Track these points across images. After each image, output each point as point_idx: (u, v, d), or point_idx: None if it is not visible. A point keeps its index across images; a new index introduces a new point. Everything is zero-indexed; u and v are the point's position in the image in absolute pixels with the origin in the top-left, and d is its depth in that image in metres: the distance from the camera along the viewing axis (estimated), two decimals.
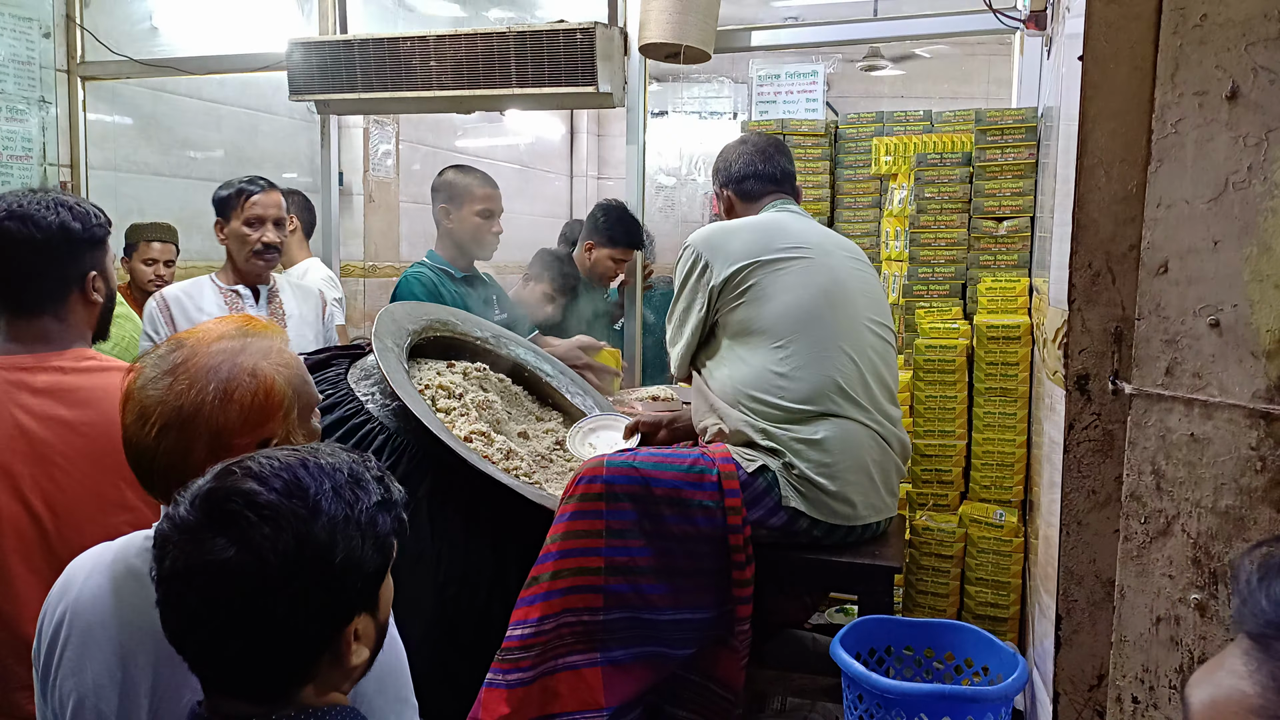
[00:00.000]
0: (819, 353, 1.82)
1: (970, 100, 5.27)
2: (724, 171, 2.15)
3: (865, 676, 1.44)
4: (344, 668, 0.88)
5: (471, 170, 2.85)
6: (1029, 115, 2.38)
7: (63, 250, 1.52)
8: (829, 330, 1.85)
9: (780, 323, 1.85)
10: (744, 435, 1.81)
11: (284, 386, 1.09)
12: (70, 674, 1.02)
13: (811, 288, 1.87)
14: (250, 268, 2.49)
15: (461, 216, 2.76)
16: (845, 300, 1.90)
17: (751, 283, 1.88)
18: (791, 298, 1.86)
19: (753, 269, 1.88)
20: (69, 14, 3.70)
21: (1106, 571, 1.25)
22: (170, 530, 0.85)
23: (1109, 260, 1.22)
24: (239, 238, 2.47)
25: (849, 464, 1.79)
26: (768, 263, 1.88)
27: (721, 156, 2.19)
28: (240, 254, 2.48)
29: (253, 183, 2.50)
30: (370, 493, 0.89)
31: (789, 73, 3.43)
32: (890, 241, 2.67)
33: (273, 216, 2.49)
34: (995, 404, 2.10)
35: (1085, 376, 1.24)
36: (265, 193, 2.49)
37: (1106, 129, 1.20)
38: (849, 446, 1.79)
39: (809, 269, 1.89)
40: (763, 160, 2.10)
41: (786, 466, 1.77)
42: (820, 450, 1.77)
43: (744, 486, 1.75)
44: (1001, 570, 2.00)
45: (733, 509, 1.71)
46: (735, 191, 2.13)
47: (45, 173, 3.63)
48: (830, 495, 1.77)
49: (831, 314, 1.87)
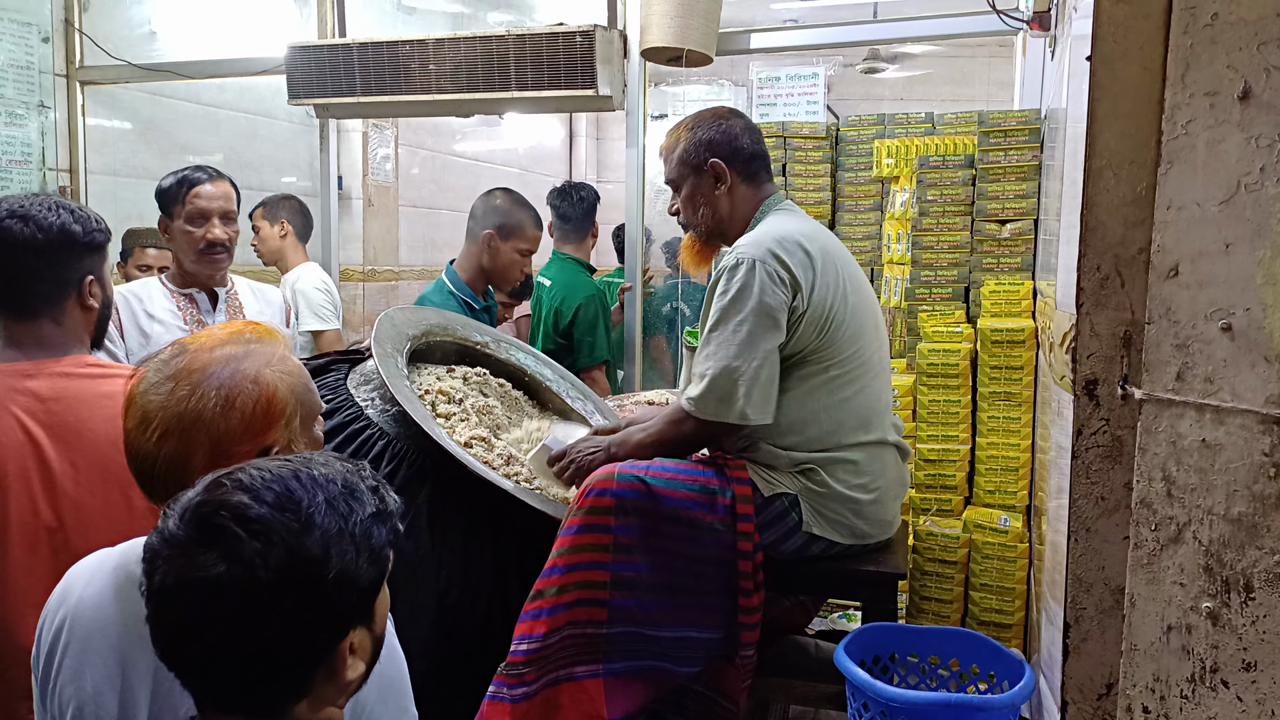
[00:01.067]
0: (870, 379, 1.73)
1: (970, 103, 5.26)
2: (725, 145, 1.82)
3: (870, 685, 1.42)
4: (339, 683, 0.87)
5: (527, 206, 2.81)
6: (1032, 117, 2.37)
7: (62, 253, 1.51)
8: (875, 352, 1.76)
9: (841, 349, 1.70)
10: (770, 460, 1.72)
11: (286, 394, 1.08)
12: (70, 680, 1.01)
13: (862, 309, 1.75)
14: (197, 269, 2.18)
15: (505, 249, 2.73)
16: (875, 317, 1.81)
17: (834, 312, 1.69)
18: (855, 323, 1.71)
19: (837, 298, 1.69)
20: (68, 18, 3.69)
21: (1115, 579, 1.23)
22: (159, 544, 0.83)
23: (1118, 263, 1.21)
24: (184, 236, 2.16)
25: (881, 483, 1.74)
26: (840, 288, 1.70)
27: (713, 127, 1.83)
28: (187, 254, 2.17)
29: (199, 170, 2.21)
30: (365, 504, 0.87)
31: (789, 75, 3.42)
32: (892, 244, 2.65)
33: (219, 209, 2.17)
34: (999, 408, 2.09)
35: (1094, 381, 1.23)
36: (212, 181, 2.19)
37: (1115, 130, 1.18)
38: (880, 466, 1.74)
39: (856, 287, 1.76)
40: (763, 143, 1.89)
41: (810, 490, 1.69)
42: (854, 470, 1.71)
43: (759, 510, 1.68)
44: (1006, 576, 1.98)
45: (744, 534, 1.65)
46: (742, 172, 1.82)
47: (44, 178, 3.62)
48: (856, 514, 1.71)
49: (876, 335, 1.79)
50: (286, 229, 3.52)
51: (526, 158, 6.40)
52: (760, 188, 1.86)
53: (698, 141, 1.83)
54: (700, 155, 1.83)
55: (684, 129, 1.87)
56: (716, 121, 1.84)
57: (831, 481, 1.69)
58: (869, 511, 1.73)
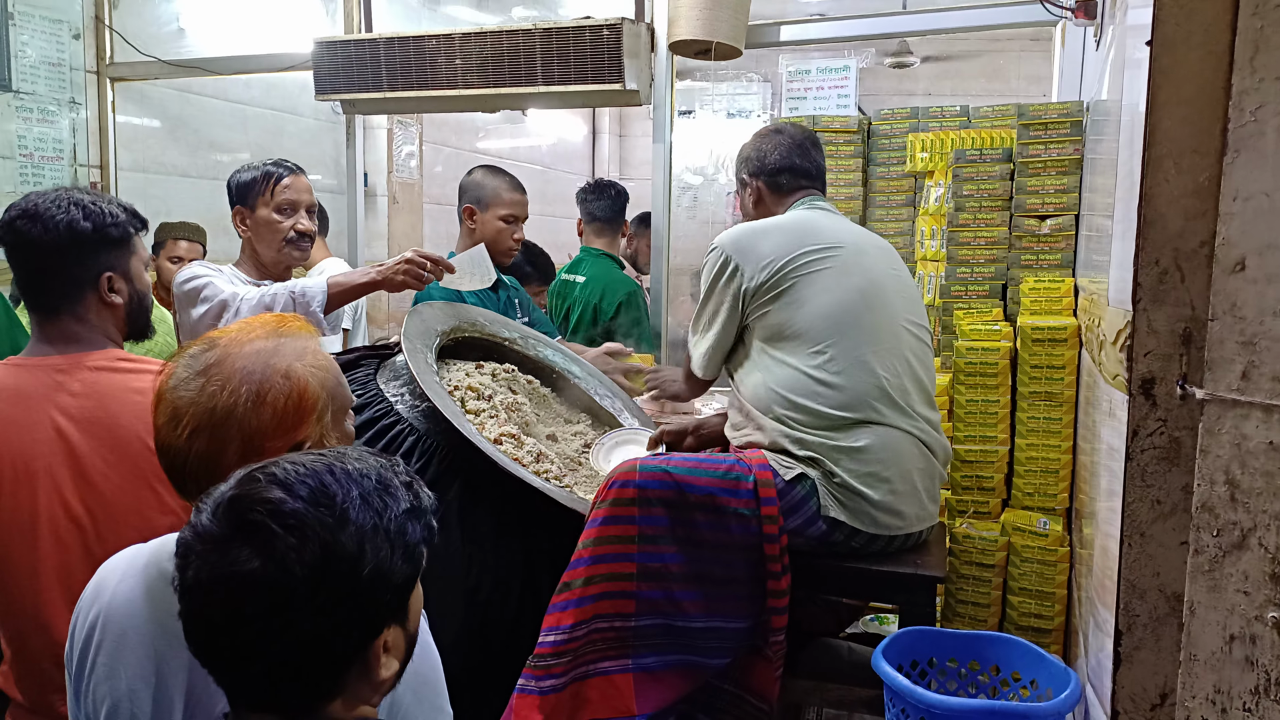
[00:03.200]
0: (858, 357, 1.76)
1: (1000, 96, 5.18)
2: (756, 161, 2.05)
3: (910, 690, 1.38)
4: (373, 681, 0.85)
5: (501, 173, 2.75)
6: (1074, 109, 2.31)
7: (72, 251, 1.50)
8: (867, 333, 1.78)
9: (816, 326, 1.78)
10: (780, 444, 1.75)
11: (317, 389, 1.06)
12: (104, 679, 1.00)
13: (848, 289, 1.80)
14: (283, 259, 2.22)
15: (485, 220, 2.66)
16: (882, 301, 1.83)
17: (785, 285, 1.81)
18: (828, 299, 1.79)
19: (786, 271, 1.81)
20: (98, 15, 3.71)
21: (1171, 585, 1.18)
22: (193, 539, 0.81)
23: (1177, 257, 1.16)
24: (268, 226, 2.19)
25: (892, 472, 1.72)
26: (801, 264, 1.81)
27: (753, 145, 2.08)
28: (271, 244, 2.20)
29: (280, 165, 2.24)
30: (399, 500, 0.85)
31: (820, 68, 3.37)
32: (926, 240, 2.60)
33: (306, 202, 2.24)
34: (1040, 408, 2.03)
35: (1151, 380, 1.18)
36: (295, 175, 2.24)
37: (1176, 118, 1.13)
38: (892, 454, 1.73)
39: (844, 269, 1.82)
40: (800, 154, 2.02)
41: (826, 475, 1.71)
42: (862, 459, 1.71)
43: (781, 494, 1.69)
44: (1046, 580, 1.93)
45: (769, 518, 1.66)
46: (767, 184, 2.03)
47: (76, 174, 3.64)
48: (873, 505, 1.70)
49: (869, 316, 1.80)
50: None
51: (550, 155, 6.38)
52: (786, 196, 2.03)
53: (740, 159, 2.12)
54: (740, 171, 2.12)
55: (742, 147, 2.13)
56: (757, 140, 2.09)
57: (838, 470, 1.70)
58: (887, 501, 1.71)
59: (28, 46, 3.43)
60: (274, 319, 1.13)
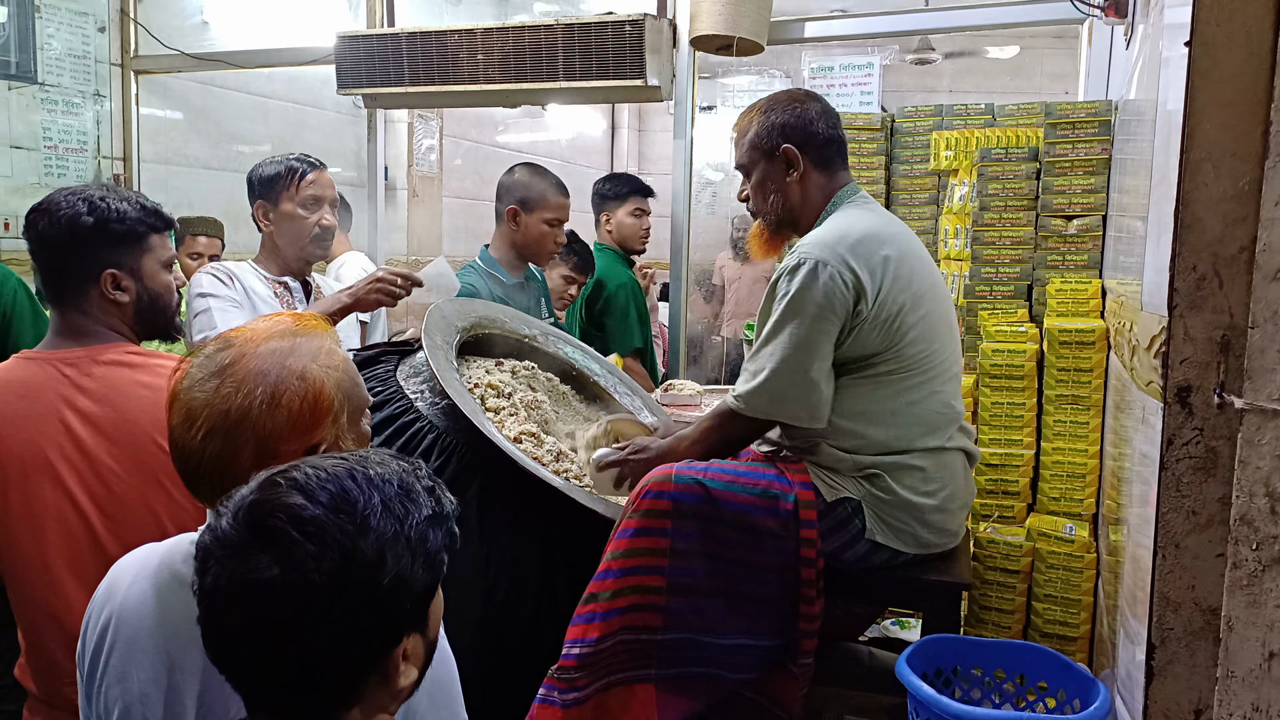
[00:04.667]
0: (940, 383, 1.66)
1: (1021, 94, 5.12)
2: (799, 130, 1.71)
3: (936, 701, 1.36)
4: (392, 689, 0.84)
5: (546, 173, 2.71)
6: (1102, 108, 2.27)
7: (73, 246, 1.51)
8: (949, 355, 1.68)
9: (909, 351, 1.61)
10: (832, 463, 1.65)
11: (333, 391, 1.05)
12: (115, 681, 1.00)
13: (938, 309, 1.67)
14: (306, 254, 2.21)
15: (530, 222, 2.63)
16: (950, 314, 1.73)
17: (895, 309, 1.60)
18: (926, 324, 1.63)
19: (897, 293, 1.60)
20: (123, 8, 3.73)
21: (1207, 599, 1.15)
22: (212, 544, 0.80)
23: (1216, 263, 1.13)
24: (292, 220, 2.17)
25: (946, 491, 1.66)
26: (907, 283, 1.61)
27: (785, 109, 1.73)
28: (295, 239, 2.19)
29: (303, 160, 2.22)
30: (421, 506, 0.84)
31: (843, 65, 3.34)
32: (949, 240, 2.57)
33: (330, 197, 2.22)
34: (1066, 412, 2.00)
35: (1187, 388, 1.15)
36: (319, 171, 2.22)
37: (1216, 120, 1.10)
38: (948, 472, 1.67)
39: (932, 285, 1.67)
40: (841, 129, 1.78)
41: (878, 495, 1.62)
42: (921, 477, 1.64)
43: (821, 515, 1.61)
44: (1072, 588, 1.90)
45: (807, 540, 1.58)
46: (815, 159, 1.72)
47: (99, 166, 3.66)
48: (924, 524, 1.64)
49: (949, 336, 1.70)
50: None
51: (569, 149, 6.37)
52: (834, 176, 1.75)
53: (770, 125, 1.73)
54: (773, 140, 1.73)
55: (757, 111, 1.77)
56: (792, 104, 1.74)
57: (897, 488, 1.62)
58: (935, 520, 1.66)
59: (53, 39, 3.45)
60: (291, 317, 1.12)
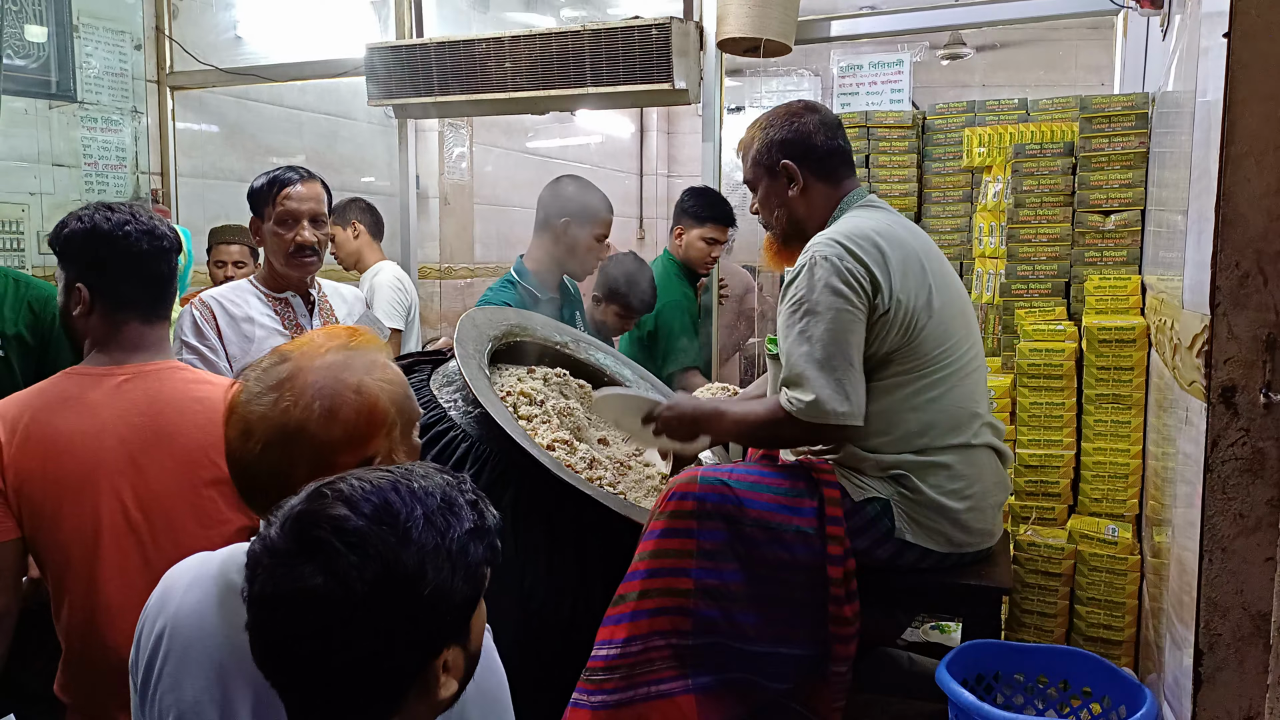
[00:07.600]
0: (961, 379, 1.65)
1: (1055, 88, 5.02)
2: (797, 144, 1.74)
3: (978, 707, 1.34)
4: (431, 700, 0.85)
5: (593, 188, 2.69)
6: (1139, 101, 2.23)
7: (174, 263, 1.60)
8: (968, 350, 1.67)
9: (926, 348, 1.62)
10: (858, 463, 1.65)
11: (387, 404, 1.06)
12: (170, 689, 1.01)
13: (951, 304, 1.67)
14: (287, 272, 2.14)
15: (583, 235, 2.61)
16: (967, 309, 1.72)
17: (910, 306, 1.61)
18: (940, 320, 1.63)
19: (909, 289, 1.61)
20: (159, 26, 3.80)
21: (1256, 603, 1.13)
22: (261, 553, 0.82)
23: (1259, 260, 1.10)
24: (273, 237, 2.10)
25: (975, 489, 1.64)
26: (918, 280, 1.62)
27: (783, 125, 1.77)
28: (276, 256, 2.13)
29: (290, 170, 2.13)
30: (463, 519, 0.85)
31: (872, 63, 3.30)
32: (984, 237, 2.53)
33: (309, 211, 2.10)
34: (1107, 411, 1.97)
35: (1231, 388, 1.13)
36: (303, 182, 2.11)
37: (1258, 114, 1.08)
38: (976, 470, 1.65)
39: (943, 281, 1.67)
40: (842, 136, 1.79)
41: (906, 494, 1.62)
42: (949, 474, 1.62)
43: (848, 515, 1.60)
44: (1115, 590, 1.86)
45: (834, 538, 1.57)
46: (816, 171, 1.75)
47: (138, 181, 3.74)
48: (954, 523, 1.62)
49: (967, 331, 1.69)
50: (359, 229, 3.56)
51: (598, 153, 6.39)
52: (838, 185, 1.77)
53: (769, 142, 1.77)
54: (772, 156, 1.77)
55: (758, 127, 1.81)
56: (789, 120, 1.77)
57: (924, 487, 1.61)
58: (966, 519, 1.64)
59: (92, 58, 3.53)
60: (345, 331, 1.13)
